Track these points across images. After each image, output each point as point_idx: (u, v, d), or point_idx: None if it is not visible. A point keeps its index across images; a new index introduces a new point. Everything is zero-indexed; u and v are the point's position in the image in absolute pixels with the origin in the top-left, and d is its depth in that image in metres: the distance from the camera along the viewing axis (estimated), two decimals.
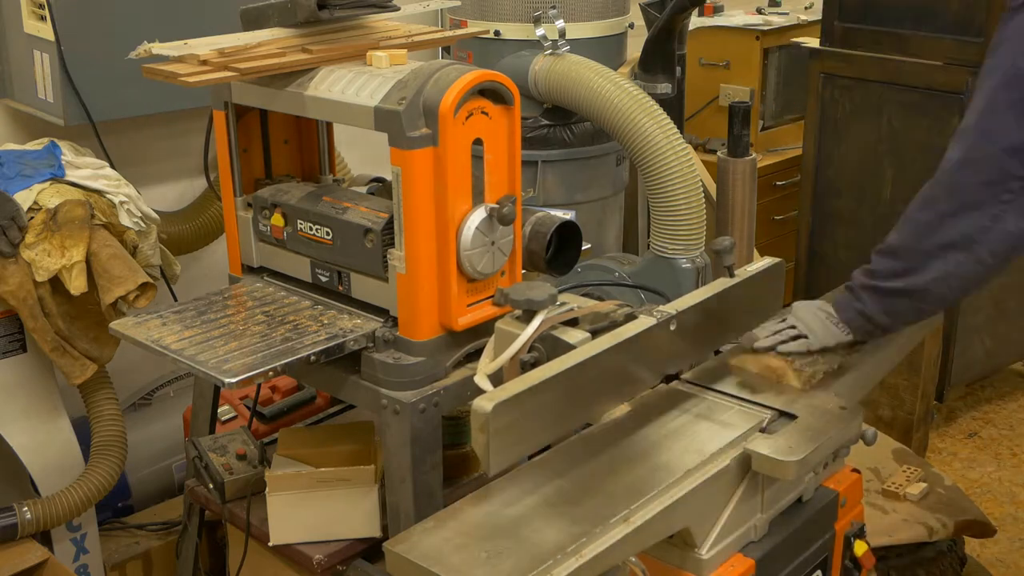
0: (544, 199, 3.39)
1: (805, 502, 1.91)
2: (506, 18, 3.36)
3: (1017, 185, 1.75)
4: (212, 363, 2.00)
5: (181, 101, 2.86)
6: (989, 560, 3.25)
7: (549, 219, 2.23)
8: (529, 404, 1.61)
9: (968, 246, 1.80)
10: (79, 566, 2.68)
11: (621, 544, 1.54)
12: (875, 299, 1.94)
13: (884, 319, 1.96)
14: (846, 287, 2.01)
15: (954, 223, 1.80)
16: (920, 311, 1.96)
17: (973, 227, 1.79)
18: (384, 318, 2.16)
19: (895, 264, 1.90)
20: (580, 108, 3.18)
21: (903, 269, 1.88)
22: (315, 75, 2.15)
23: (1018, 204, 1.76)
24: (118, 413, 2.62)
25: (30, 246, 2.37)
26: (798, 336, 1.99)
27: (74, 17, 2.69)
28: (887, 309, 1.94)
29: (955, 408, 4.23)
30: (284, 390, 2.87)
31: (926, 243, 1.84)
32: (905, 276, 1.88)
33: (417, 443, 2.09)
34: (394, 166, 2.01)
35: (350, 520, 2.28)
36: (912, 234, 1.87)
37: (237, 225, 2.38)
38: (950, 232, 1.81)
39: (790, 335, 2.00)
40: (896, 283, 1.89)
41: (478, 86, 2.02)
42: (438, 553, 1.50)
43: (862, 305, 1.96)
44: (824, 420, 1.84)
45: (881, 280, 1.92)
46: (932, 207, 1.84)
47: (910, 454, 3.10)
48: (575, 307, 1.86)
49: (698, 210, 3.06)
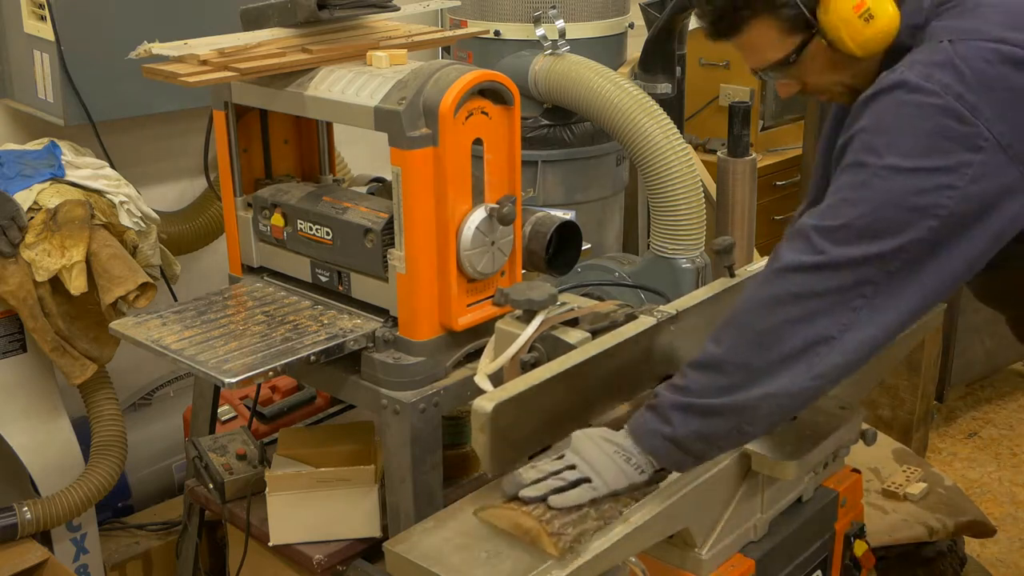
0: (544, 199, 3.39)
1: (805, 502, 1.91)
2: (506, 18, 3.36)
3: (871, 290, 1.53)
4: (212, 363, 2.00)
5: (181, 101, 2.86)
6: (989, 560, 3.25)
7: (549, 219, 2.23)
8: (529, 404, 1.61)
9: (810, 359, 1.54)
10: (79, 566, 2.68)
11: (621, 544, 1.54)
12: (688, 420, 1.59)
13: (698, 445, 1.60)
14: (647, 407, 1.65)
15: (795, 331, 1.54)
16: (741, 434, 1.61)
17: (817, 337, 1.53)
18: (384, 318, 2.15)
19: (717, 380, 1.58)
20: (580, 108, 3.18)
21: (727, 386, 1.57)
22: (315, 75, 2.15)
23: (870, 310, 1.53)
24: (118, 413, 2.62)
25: (30, 246, 2.37)
26: (580, 481, 1.59)
27: (74, 17, 2.68)
28: (702, 431, 1.59)
29: (955, 408, 4.23)
30: (284, 390, 2.87)
31: (762, 356, 1.55)
32: (729, 392, 1.56)
33: (417, 443, 2.09)
34: (394, 166, 2.01)
35: (350, 520, 2.28)
36: (744, 345, 1.57)
37: (237, 225, 2.38)
38: (791, 342, 1.54)
39: (569, 479, 1.59)
40: (716, 400, 1.57)
41: (478, 86, 2.02)
42: (438, 553, 1.51)
43: (671, 429, 1.59)
44: (824, 420, 1.84)
45: (697, 397, 1.58)
46: (769, 312, 1.56)
47: (910, 454, 3.10)
48: (575, 307, 1.86)
49: (698, 210, 3.06)
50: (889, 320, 1.55)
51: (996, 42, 1.54)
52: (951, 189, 1.50)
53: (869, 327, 1.54)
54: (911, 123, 1.52)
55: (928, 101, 1.51)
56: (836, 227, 1.54)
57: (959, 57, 1.53)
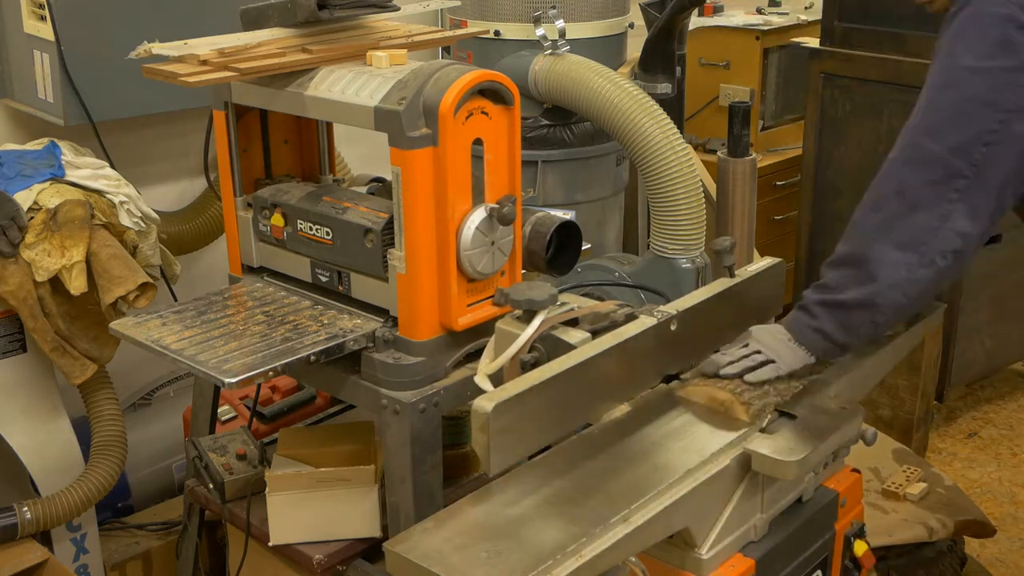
0: (544, 199, 3.39)
1: (805, 502, 1.91)
2: (506, 18, 3.36)
3: (963, 183, 1.74)
4: (212, 363, 2.00)
5: (181, 101, 2.86)
6: (989, 560, 3.25)
7: (549, 219, 2.23)
8: (529, 404, 1.61)
9: (918, 247, 1.76)
10: (79, 566, 2.68)
11: (621, 544, 1.54)
12: (830, 314, 1.86)
13: (841, 334, 1.87)
14: (798, 307, 1.91)
15: (903, 224, 1.77)
16: (876, 323, 1.85)
17: (922, 227, 1.76)
18: (384, 318, 2.15)
19: (847, 274, 1.83)
20: (580, 108, 3.18)
21: (856, 278, 1.81)
22: (315, 75, 2.15)
23: (964, 203, 1.74)
24: (118, 413, 2.62)
25: (30, 246, 2.37)
26: (766, 362, 1.89)
27: (74, 17, 2.69)
28: (843, 322, 1.85)
29: (955, 408, 4.23)
30: (284, 390, 2.87)
31: (877, 247, 1.79)
32: (858, 285, 1.81)
33: (417, 443, 2.09)
34: (394, 166, 2.01)
35: (350, 520, 2.28)
36: (861, 240, 1.82)
37: (237, 225, 2.38)
38: (900, 234, 1.77)
39: (758, 360, 1.89)
40: (849, 294, 1.82)
41: (478, 86, 2.02)
42: (438, 553, 1.50)
43: (817, 322, 1.87)
44: (824, 420, 1.84)
45: (834, 293, 1.84)
46: (879, 209, 1.81)
47: (910, 454, 3.10)
48: (575, 307, 1.86)
49: (698, 210, 3.06)
50: (980, 209, 1.75)
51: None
52: (1018, 86, 1.72)
53: (964, 218, 1.75)
54: (982, 31, 1.76)
55: (995, 11, 1.75)
56: (925, 126, 1.78)
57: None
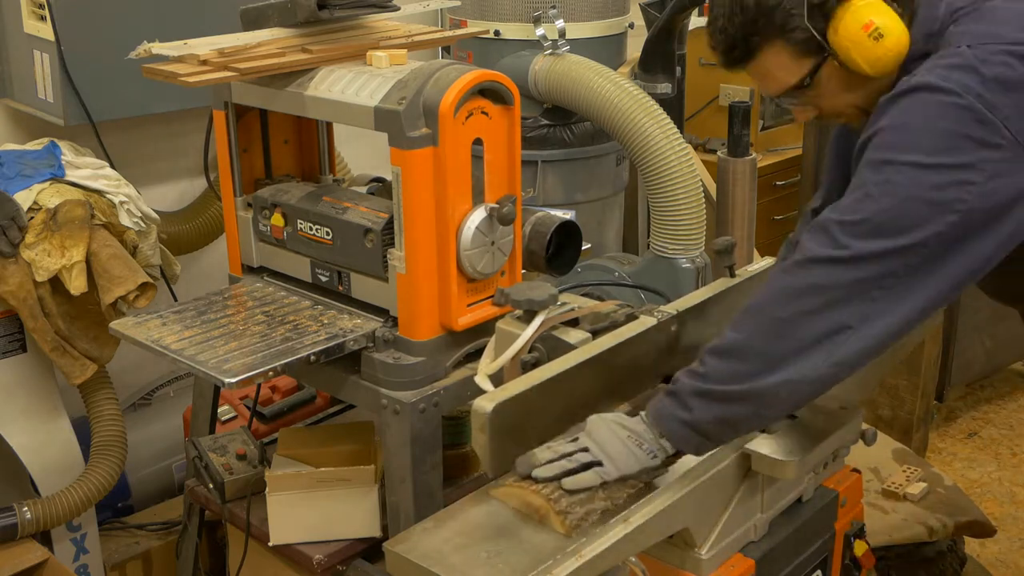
0: (544, 199, 3.39)
1: (805, 502, 1.91)
2: (506, 18, 3.36)
3: (891, 282, 1.56)
4: (212, 363, 2.00)
5: (181, 101, 2.86)
6: (989, 560, 3.25)
7: (549, 219, 2.23)
8: (529, 404, 1.61)
9: (828, 347, 1.58)
10: (79, 566, 2.68)
11: (621, 544, 1.54)
12: (707, 406, 1.63)
13: (716, 429, 1.65)
14: (666, 393, 1.68)
15: (816, 321, 1.57)
16: (760, 418, 1.67)
17: (838, 326, 1.57)
18: (384, 318, 2.15)
19: (737, 366, 1.61)
20: (580, 108, 3.18)
21: (747, 372, 1.60)
22: (315, 75, 2.15)
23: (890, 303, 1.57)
24: (118, 413, 2.62)
25: (30, 246, 2.37)
26: (591, 463, 1.63)
27: (74, 17, 2.68)
28: (722, 417, 1.63)
29: (955, 408, 4.23)
30: (284, 390, 2.87)
31: (782, 343, 1.59)
32: (748, 379, 1.60)
33: (417, 443, 2.09)
34: (394, 166, 2.01)
35: (350, 520, 2.28)
36: (764, 332, 1.61)
37: (237, 225, 2.38)
38: (811, 331, 1.58)
39: (580, 461, 1.63)
40: (735, 387, 1.61)
41: (478, 86, 2.02)
42: (438, 553, 1.51)
43: (690, 414, 1.63)
44: (824, 420, 1.84)
45: (716, 384, 1.62)
46: (792, 303, 1.59)
47: (910, 454, 3.10)
48: (575, 307, 1.86)
49: (698, 210, 3.06)
50: (907, 311, 1.58)
51: (1014, 44, 1.59)
52: (971, 185, 1.54)
53: (888, 317, 1.57)
54: (933, 122, 1.57)
55: (949, 100, 1.56)
56: (858, 221, 1.57)
57: (978, 60, 1.58)
